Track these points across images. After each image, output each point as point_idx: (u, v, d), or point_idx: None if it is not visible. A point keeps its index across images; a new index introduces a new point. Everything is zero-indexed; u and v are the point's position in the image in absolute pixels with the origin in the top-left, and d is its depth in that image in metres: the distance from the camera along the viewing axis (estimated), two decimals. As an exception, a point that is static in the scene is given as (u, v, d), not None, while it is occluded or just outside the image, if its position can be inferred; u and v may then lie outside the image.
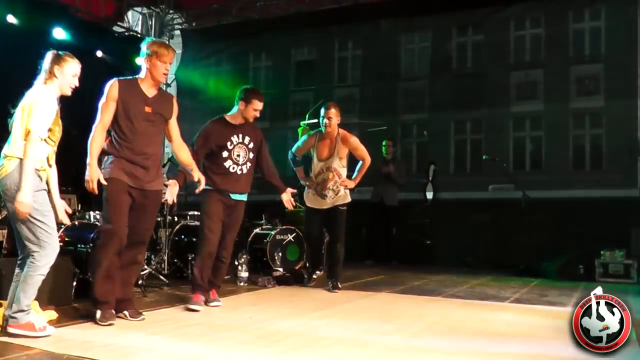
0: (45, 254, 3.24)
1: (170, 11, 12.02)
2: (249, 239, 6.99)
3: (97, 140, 3.68)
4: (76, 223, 5.05)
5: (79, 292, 4.46)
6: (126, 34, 10.77)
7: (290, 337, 3.50)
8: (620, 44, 9.39)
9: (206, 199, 4.53)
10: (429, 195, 9.19)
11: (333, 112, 5.49)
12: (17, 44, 7.41)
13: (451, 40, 10.84)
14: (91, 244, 4.69)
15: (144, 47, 3.83)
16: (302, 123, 7.26)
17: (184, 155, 4.12)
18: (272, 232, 6.76)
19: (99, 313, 3.65)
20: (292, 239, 6.85)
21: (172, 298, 4.90)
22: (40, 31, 8.07)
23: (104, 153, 3.79)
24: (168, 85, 12.58)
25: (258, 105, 4.62)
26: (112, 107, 3.70)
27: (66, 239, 4.88)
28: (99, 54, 8.75)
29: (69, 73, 3.33)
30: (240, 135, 4.61)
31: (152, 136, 3.84)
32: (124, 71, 3.28)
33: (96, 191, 3.61)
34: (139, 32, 11.77)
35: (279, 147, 8.20)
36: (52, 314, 3.77)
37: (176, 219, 6.55)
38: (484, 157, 9.25)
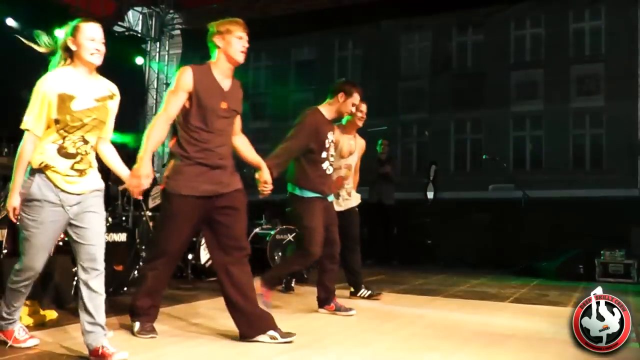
0: (20, 268, 2.89)
1: (170, 11, 12.03)
2: (249, 239, 6.98)
3: (157, 131, 3.18)
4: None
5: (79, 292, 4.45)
6: (126, 33, 10.80)
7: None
8: (620, 44, 9.41)
9: (309, 207, 4.11)
10: (430, 195, 9.19)
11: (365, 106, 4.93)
12: (17, 44, 7.40)
13: (451, 40, 10.86)
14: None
15: (212, 28, 3.35)
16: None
17: (248, 150, 3.60)
18: (272, 232, 6.76)
19: (137, 325, 3.32)
20: (292, 239, 6.84)
21: (171, 298, 4.90)
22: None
23: (170, 156, 3.36)
24: (168, 85, 12.61)
25: (357, 99, 4.30)
26: (182, 98, 3.21)
27: (66, 238, 4.87)
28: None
29: (85, 39, 2.83)
30: (331, 132, 4.28)
31: (228, 134, 3.37)
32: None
33: (143, 190, 3.08)
34: (139, 31, 11.79)
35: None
36: (52, 314, 3.77)
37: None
38: (484, 156, 9.26)
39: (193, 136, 3.22)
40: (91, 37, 2.84)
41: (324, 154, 4.18)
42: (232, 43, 3.28)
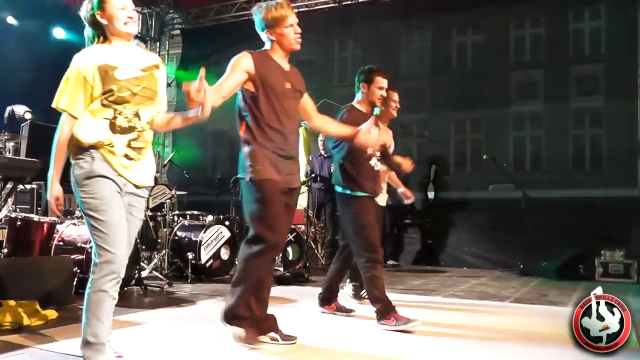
0: (100, 261, 2.47)
1: (170, 11, 12.02)
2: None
3: (213, 95, 2.77)
4: (76, 222, 5.04)
5: (79, 292, 4.46)
6: (126, 33, 10.80)
7: (291, 337, 3.49)
8: (620, 44, 9.39)
9: (363, 206, 3.91)
10: (430, 195, 9.22)
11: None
12: (18, 44, 7.42)
13: (451, 40, 10.84)
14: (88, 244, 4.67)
15: (258, 18, 3.20)
16: (302, 123, 7.26)
17: (335, 124, 3.48)
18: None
19: (241, 331, 3.09)
20: (292, 239, 6.84)
21: (172, 298, 4.90)
22: (41, 31, 8.08)
23: (244, 143, 3.13)
24: (168, 85, 12.61)
25: (382, 82, 4.03)
26: (238, 78, 3.04)
27: (66, 238, 4.88)
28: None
29: (115, 8, 2.58)
30: (374, 126, 3.96)
31: (296, 119, 3.23)
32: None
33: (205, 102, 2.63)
34: (139, 31, 11.78)
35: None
36: (52, 314, 3.78)
37: (176, 218, 6.54)
38: (484, 157, 9.26)
39: (264, 121, 3.07)
40: (121, 5, 2.60)
41: (369, 150, 3.98)
42: (285, 34, 3.16)
